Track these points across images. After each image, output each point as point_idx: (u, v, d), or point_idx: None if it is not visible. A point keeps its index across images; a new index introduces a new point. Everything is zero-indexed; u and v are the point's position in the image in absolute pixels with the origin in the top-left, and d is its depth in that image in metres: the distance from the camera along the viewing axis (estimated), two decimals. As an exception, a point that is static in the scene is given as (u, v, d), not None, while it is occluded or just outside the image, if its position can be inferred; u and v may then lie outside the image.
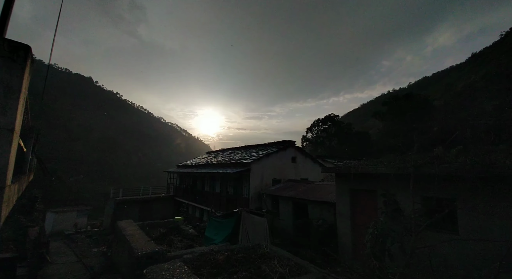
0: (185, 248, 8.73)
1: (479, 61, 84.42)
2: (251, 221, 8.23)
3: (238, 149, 20.95)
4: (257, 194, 13.30)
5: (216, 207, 14.70)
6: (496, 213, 4.98)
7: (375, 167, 7.01)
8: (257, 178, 13.61)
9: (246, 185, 13.68)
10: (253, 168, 13.46)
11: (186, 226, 11.38)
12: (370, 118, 62.09)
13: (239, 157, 16.24)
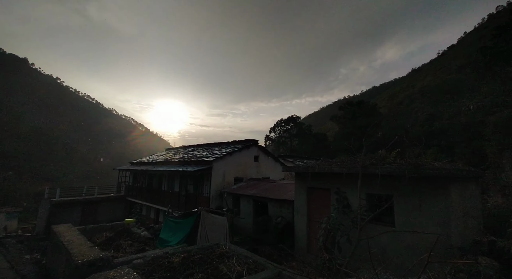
0: (136, 253, 8.13)
1: (417, 76, 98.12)
2: (211, 221, 8.08)
3: (200, 147, 20.34)
4: (219, 193, 13.14)
5: (174, 206, 14.03)
6: (424, 208, 5.84)
7: (330, 167, 7.55)
8: (219, 176, 13.43)
9: (207, 184, 13.39)
10: (215, 166, 13.23)
11: (138, 229, 10.58)
12: (328, 121, 66.97)
13: (200, 155, 15.79)
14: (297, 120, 49.51)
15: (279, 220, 9.15)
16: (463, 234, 5.90)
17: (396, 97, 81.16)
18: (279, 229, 9.17)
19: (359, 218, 6.22)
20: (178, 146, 24.93)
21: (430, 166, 5.66)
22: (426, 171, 5.53)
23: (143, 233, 9.98)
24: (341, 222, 6.89)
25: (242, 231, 11.50)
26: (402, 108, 66.75)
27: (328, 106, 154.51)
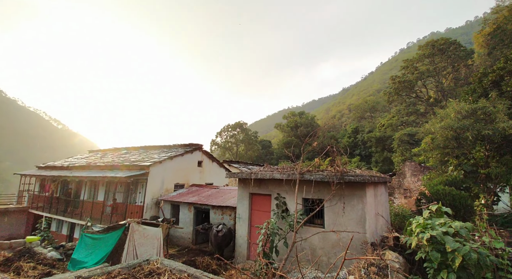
0: (40, 277, 6.57)
1: (347, 94, 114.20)
2: (141, 234, 7.17)
3: (135, 149, 18.18)
4: (155, 201, 11.97)
5: (96, 219, 12.03)
6: (347, 210, 6.65)
7: (272, 174, 7.84)
8: (156, 183, 12.23)
9: (141, 191, 12.01)
10: (152, 171, 12.01)
11: (43, 248, 8.58)
12: (273, 129, 70.66)
13: (136, 159, 14.11)
14: (244, 126, 50.40)
15: (220, 228, 8.90)
16: (375, 231, 6.96)
17: (330, 111, 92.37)
18: (220, 237, 8.92)
19: (295, 222, 6.61)
20: (107, 148, 21.59)
21: (352, 174, 6.51)
22: (349, 178, 6.33)
23: (50, 254, 8.12)
24: (280, 226, 7.21)
25: (181, 242, 10.73)
26: (335, 121, 76.44)
27: (274, 115, 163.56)
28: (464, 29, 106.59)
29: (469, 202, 9.07)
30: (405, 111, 37.84)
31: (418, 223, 4.14)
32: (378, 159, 38.31)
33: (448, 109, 12.00)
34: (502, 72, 11.91)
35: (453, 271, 3.39)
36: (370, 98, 66.17)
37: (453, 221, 3.98)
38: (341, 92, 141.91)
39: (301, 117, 48.41)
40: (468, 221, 8.75)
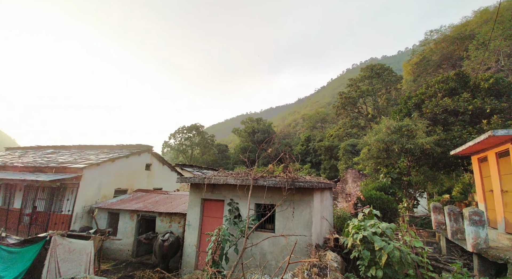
0: None
1: (302, 104, 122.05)
2: (66, 248, 6.11)
3: (66, 149, 15.60)
4: (88, 210, 10.45)
5: (12, 230, 9.89)
6: (296, 214, 6.99)
7: (226, 179, 7.73)
8: (91, 188, 10.70)
9: (70, 198, 10.33)
10: (87, 175, 10.47)
11: None
12: (231, 133, 70.40)
13: (65, 160, 12.13)
14: (201, 129, 48.85)
15: (166, 237, 8.29)
16: (320, 234, 7.47)
17: (286, 119, 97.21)
18: (166, 246, 8.28)
19: (246, 227, 6.62)
20: (29, 146, 17.97)
21: (302, 180, 6.90)
22: (299, 184, 6.70)
23: None
24: (232, 232, 7.12)
25: (119, 256, 9.57)
26: (290, 129, 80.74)
27: (232, 119, 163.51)
28: (396, 58, 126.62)
29: (394, 205, 10.56)
30: (349, 124, 42.42)
31: (354, 225, 4.59)
32: (326, 166, 41.75)
33: (381, 125, 13.93)
34: (423, 97, 14.46)
35: (380, 268, 3.85)
36: (321, 110, 72.19)
37: (381, 222, 4.55)
38: (297, 102, 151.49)
39: (258, 123, 49.59)
40: (393, 222, 10.17)
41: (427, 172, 14.34)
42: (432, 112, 13.29)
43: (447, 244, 7.98)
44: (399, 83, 40.62)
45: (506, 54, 25.74)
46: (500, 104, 12.08)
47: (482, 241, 5.48)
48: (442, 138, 12.22)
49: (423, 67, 36.54)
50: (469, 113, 12.44)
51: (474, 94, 13.12)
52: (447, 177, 15.39)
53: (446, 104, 12.77)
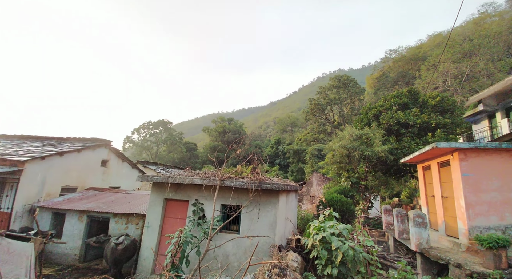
0: None
1: (273, 108, 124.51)
2: (6, 249, 5.34)
3: (7, 138, 13.53)
4: (29, 208, 9.17)
5: None
6: (261, 215, 7.04)
7: (192, 178, 7.46)
8: (33, 184, 9.39)
9: (10, 194, 8.98)
10: (29, 169, 9.18)
11: None
12: (201, 132, 68.57)
13: (4, 150, 10.50)
14: (169, 125, 46.54)
15: (121, 240, 7.65)
16: (283, 235, 7.64)
17: (258, 121, 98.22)
18: (119, 250, 7.64)
19: (210, 229, 6.46)
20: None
21: (269, 182, 7.00)
22: (266, 185, 6.77)
23: None
24: (196, 234, 6.89)
25: (64, 260, 8.56)
26: (261, 131, 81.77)
27: (203, 117, 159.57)
28: (361, 71, 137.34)
29: (352, 207, 11.34)
30: (317, 129, 44.58)
31: (315, 226, 4.78)
32: (294, 169, 43.15)
33: (344, 132, 14.90)
34: (380, 109, 15.85)
35: (336, 267, 4.06)
36: (292, 114, 74.61)
37: (339, 223, 4.81)
38: (269, 104, 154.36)
39: (230, 123, 49.18)
40: (350, 223, 10.92)
41: (381, 177, 15.74)
42: (387, 123, 14.66)
43: (395, 243, 8.81)
44: (362, 94, 44.06)
45: (453, 75, 29.69)
46: (444, 120, 13.85)
47: (425, 241, 6.16)
48: (395, 147, 13.53)
49: (382, 82, 40.24)
50: (418, 126, 14.02)
51: (422, 109, 14.83)
52: (397, 182, 17.08)
53: (399, 117, 14.21)
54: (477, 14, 48.12)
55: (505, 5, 45.42)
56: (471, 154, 6.13)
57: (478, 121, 15.45)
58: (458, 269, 4.87)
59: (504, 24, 35.97)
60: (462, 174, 6.09)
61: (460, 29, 44.78)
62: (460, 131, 15.04)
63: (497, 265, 4.30)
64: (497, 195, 5.88)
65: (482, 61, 27.70)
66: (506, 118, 13.10)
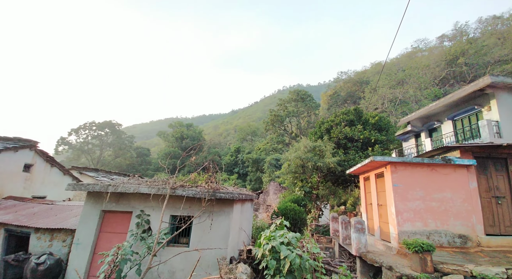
0: None
1: (235, 116, 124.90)
2: None
3: None
4: None
5: None
6: (214, 226, 6.76)
7: (137, 187, 6.78)
8: None
9: None
10: None
11: None
12: (155, 136, 64.03)
13: None
14: (117, 127, 42.00)
15: (43, 259, 6.41)
16: (236, 245, 7.46)
17: (218, 129, 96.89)
18: (41, 271, 6.38)
19: (155, 243, 5.90)
20: None
21: (224, 191, 6.82)
22: (220, 194, 6.58)
23: None
24: (138, 250, 6.20)
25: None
26: (221, 138, 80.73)
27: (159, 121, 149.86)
28: (317, 88, 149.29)
29: (304, 216, 11.84)
30: (276, 140, 46.14)
31: (266, 235, 4.78)
32: (252, 178, 43.41)
33: (300, 143, 15.76)
34: (332, 124, 17.32)
35: (283, 276, 4.09)
36: (252, 124, 75.88)
37: (289, 232, 4.92)
38: (230, 112, 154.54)
39: (188, 129, 47.29)
40: (301, 231, 11.36)
41: (331, 187, 16.98)
42: (337, 137, 16.07)
43: (340, 248, 9.45)
44: (317, 109, 47.70)
45: (389, 99, 34.47)
46: (381, 137, 15.84)
47: (363, 246, 6.73)
48: (342, 159, 14.84)
49: (334, 99, 44.40)
50: (361, 141, 15.73)
51: (364, 126, 16.75)
52: (344, 191, 18.65)
53: (346, 132, 15.74)
54: (410, 48, 57.86)
55: (435, 42, 55.73)
56: (400, 167, 7.08)
57: (407, 139, 18.13)
58: (389, 271, 5.43)
59: (432, 58, 43.90)
60: (393, 184, 6.96)
61: (396, 60, 52.97)
62: (393, 147, 17.38)
63: (424, 269, 4.90)
64: (420, 203, 6.87)
65: (412, 89, 33.03)
66: (429, 137, 15.67)
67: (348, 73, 49.53)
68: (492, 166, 7.19)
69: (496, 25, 48.17)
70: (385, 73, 39.66)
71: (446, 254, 5.92)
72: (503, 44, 37.41)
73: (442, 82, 39.45)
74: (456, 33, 53.32)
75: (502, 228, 6.78)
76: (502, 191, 7.01)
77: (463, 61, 38.03)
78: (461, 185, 6.82)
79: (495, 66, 34.62)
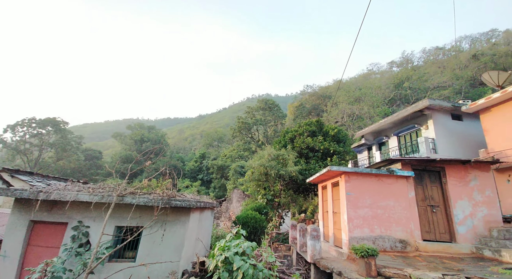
0: None
1: (202, 121, 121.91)
2: None
3: None
4: None
5: None
6: (166, 237, 6.27)
7: (76, 194, 5.97)
8: None
9: None
10: None
11: None
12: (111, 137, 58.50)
13: None
14: (63, 126, 36.89)
15: None
16: (191, 257, 7.03)
17: (184, 133, 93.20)
18: None
19: (92, 258, 5.21)
20: None
21: (180, 198, 6.43)
22: (176, 202, 6.17)
23: None
24: (72, 266, 5.40)
25: None
26: (186, 143, 77.61)
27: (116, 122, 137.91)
28: (285, 99, 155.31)
29: (264, 224, 11.84)
30: (243, 147, 46.14)
31: (220, 246, 4.58)
32: (216, 185, 42.35)
33: (264, 151, 15.98)
34: (295, 133, 18.01)
35: (236, 288, 3.93)
36: (220, 130, 74.92)
37: (245, 241, 4.80)
38: (198, 117, 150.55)
39: (150, 131, 44.44)
40: (261, 239, 11.30)
41: (292, 195, 17.44)
42: (300, 147, 16.73)
43: (297, 256, 9.61)
44: (284, 119, 49.37)
45: (347, 114, 37.44)
46: (339, 148, 16.99)
47: (317, 253, 6.94)
48: (304, 168, 15.44)
49: (300, 111, 46.59)
50: (321, 151, 16.65)
51: (325, 138, 17.82)
52: (304, 200, 19.32)
53: (308, 142, 16.51)
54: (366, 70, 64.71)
55: (386, 66, 63.26)
56: (352, 177, 7.60)
57: (361, 151, 19.78)
58: (339, 276, 5.65)
59: (383, 80, 49.48)
60: (346, 193, 7.42)
61: (354, 80, 58.36)
62: (349, 158, 18.78)
63: (368, 273, 5.20)
64: (369, 211, 7.42)
65: (366, 106, 36.53)
66: (379, 150, 17.31)
67: (314, 87, 52.90)
68: (428, 178, 8.18)
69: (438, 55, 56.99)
70: (345, 90, 43.37)
71: (389, 258, 6.43)
72: (443, 72, 44.24)
73: (390, 102, 44.58)
74: (403, 60, 61.54)
75: (437, 234, 7.66)
76: (436, 200, 7.99)
77: (408, 85, 43.72)
78: (402, 194, 7.58)
79: (434, 91, 40.55)
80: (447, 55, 53.81)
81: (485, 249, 6.68)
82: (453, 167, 8.02)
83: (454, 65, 45.33)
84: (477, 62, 41.70)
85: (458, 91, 38.46)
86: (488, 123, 11.78)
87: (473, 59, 43.39)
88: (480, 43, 54.40)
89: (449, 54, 54.20)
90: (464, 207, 7.61)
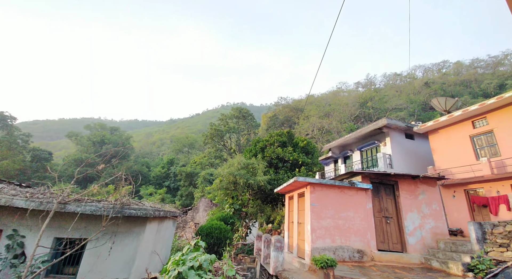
0: None
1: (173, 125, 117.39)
2: None
3: None
4: None
5: None
6: (115, 250, 5.63)
7: (10, 199, 5.13)
8: None
9: None
10: None
11: None
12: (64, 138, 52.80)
13: None
14: (10, 121, 32.51)
15: None
16: (144, 273, 6.40)
17: (152, 137, 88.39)
18: None
19: (25, 273, 4.44)
20: None
21: (136, 206, 5.90)
22: (130, 211, 5.63)
23: None
24: (6, 277, 4.55)
25: None
26: (154, 148, 73.52)
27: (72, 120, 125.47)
28: (259, 109, 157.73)
29: (230, 235, 11.46)
30: (214, 154, 45.17)
31: (175, 259, 4.23)
32: (183, 193, 40.43)
33: (234, 160, 15.77)
34: (266, 143, 18.17)
35: (188, 307, 3.61)
36: (191, 135, 72.67)
37: (203, 254, 4.51)
38: (169, 121, 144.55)
39: (113, 133, 41.24)
40: (224, 251, 10.87)
41: (260, 205, 17.33)
42: (270, 157, 16.88)
43: (261, 268, 9.38)
44: (257, 129, 49.87)
45: (318, 127, 39.21)
46: (307, 159, 17.52)
47: (280, 265, 6.84)
48: (273, 178, 15.53)
49: (273, 121, 47.63)
50: (290, 162, 16.99)
51: (294, 149, 18.29)
52: (272, 210, 19.33)
53: (278, 152, 16.77)
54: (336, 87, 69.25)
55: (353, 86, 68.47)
56: (317, 188, 7.80)
57: (328, 164, 20.68)
58: (299, 288, 5.60)
59: (350, 99, 53.28)
60: (311, 203, 7.55)
61: (325, 96, 61.89)
62: (317, 169, 19.46)
63: None
64: (331, 221, 7.62)
65: (335, 121, 38.80)
66: (344, 164, 18.24)
67: (287, 99, 54.92)
68: (384, 190, 8.75)
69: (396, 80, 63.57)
70: (316, 104, 45.71)
71: (347, 268, 6.60)
72: (400, 95, 49.24)
73: (356, 119, 48.05)
74: (367, 82, 67.45)
75: (390, 244, 8.13)
76: (390, 212, 8.55)
77: (371, 104, 47.74)
78: (361, 205, 7.96)
79: (392, 112, 44.82)
80: (404, 81, 60.51)
81: (433, 260, 7.21)
82: (405, 181, 8.71)
83: (409, 90, 50.99)
84: (429, 89, 47.50)
85: (412, 113, 43.11)
86: (435, 143, 13.20)
87: (425, 86, 49.33)
88: (432, 72, 62.43)
89: (405, 80, 61.01)
90: (414, 219, 8.23)
